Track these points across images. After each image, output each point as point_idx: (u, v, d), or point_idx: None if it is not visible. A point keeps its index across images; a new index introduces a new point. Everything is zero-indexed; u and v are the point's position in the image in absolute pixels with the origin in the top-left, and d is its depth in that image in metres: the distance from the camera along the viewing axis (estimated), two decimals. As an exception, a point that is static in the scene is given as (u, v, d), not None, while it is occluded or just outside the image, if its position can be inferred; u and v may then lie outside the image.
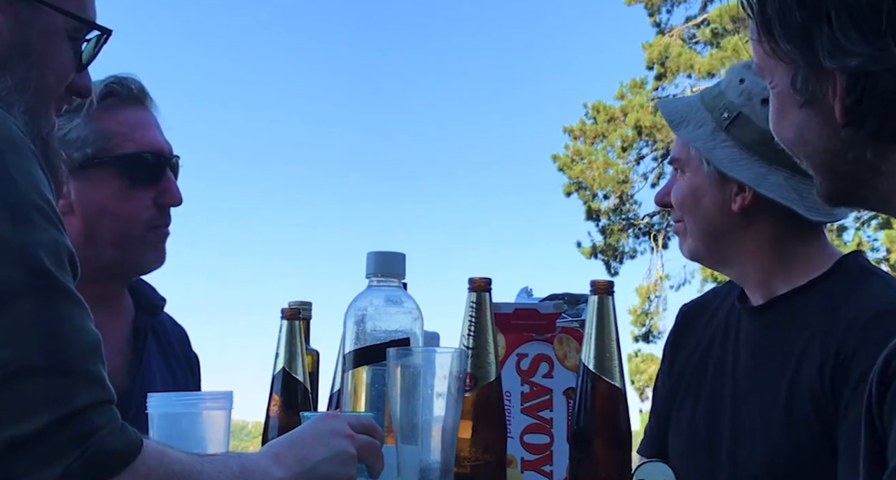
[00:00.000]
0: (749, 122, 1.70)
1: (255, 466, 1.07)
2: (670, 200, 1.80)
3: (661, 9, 15.99)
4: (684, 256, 1.85)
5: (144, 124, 1.78)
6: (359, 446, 1.15)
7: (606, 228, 15.86)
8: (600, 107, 15.60)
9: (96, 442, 0.91)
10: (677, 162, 1.79)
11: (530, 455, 1.39)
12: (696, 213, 1.75)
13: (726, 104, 1.72)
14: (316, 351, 1.66)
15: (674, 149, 1.82)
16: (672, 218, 1.83)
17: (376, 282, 1.27)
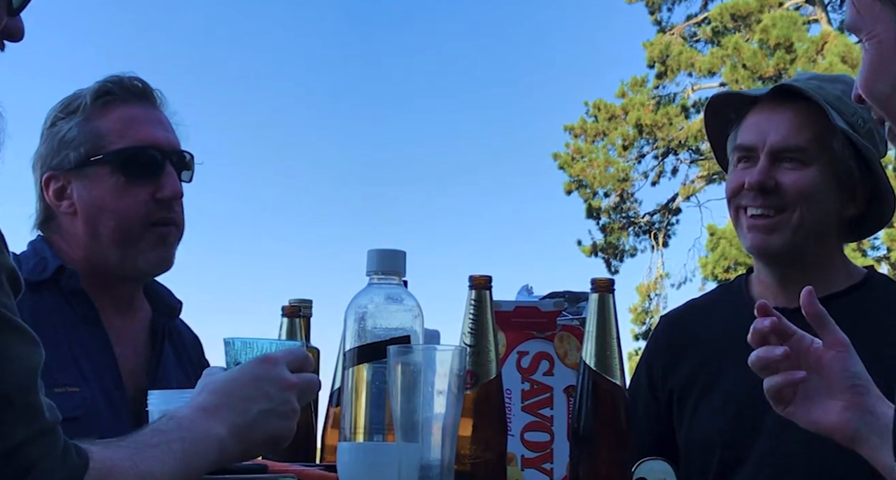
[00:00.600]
0: (873, 138, 1.72)
1: (197, 433, 1.04)
2: (774, 186, 1.70)
3: (661, 7, 15.98)
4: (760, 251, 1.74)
5: (139, 120, 1.78)
6: (300, 391, 1.13)
7: (607, 226, 15.85)
8: (601, 105, 15.59)
9: (36, 477, 0.88)
10: (802, 152, 1.70)
11: (531, 452, 1.39)
12: (815, 208, 1.70)
13: (857, 112, 1.70)
14: (316, 349, 1.66)
15: (795, 137, 1.71)
16: (764, 204, 1.71)
17: (377, 280, 1.27)
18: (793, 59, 13.49)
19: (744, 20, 14.48)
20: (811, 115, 1.71)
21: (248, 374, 1.12)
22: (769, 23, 13.75)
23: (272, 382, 1.11)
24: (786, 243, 1.70)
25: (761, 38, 13.81)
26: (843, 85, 1.75)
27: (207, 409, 1.07)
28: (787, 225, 1.70)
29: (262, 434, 1.10)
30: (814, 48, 13.62)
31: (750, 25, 14.36)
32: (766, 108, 1.76)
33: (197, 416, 1.06)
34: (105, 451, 0.96)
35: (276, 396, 1.11)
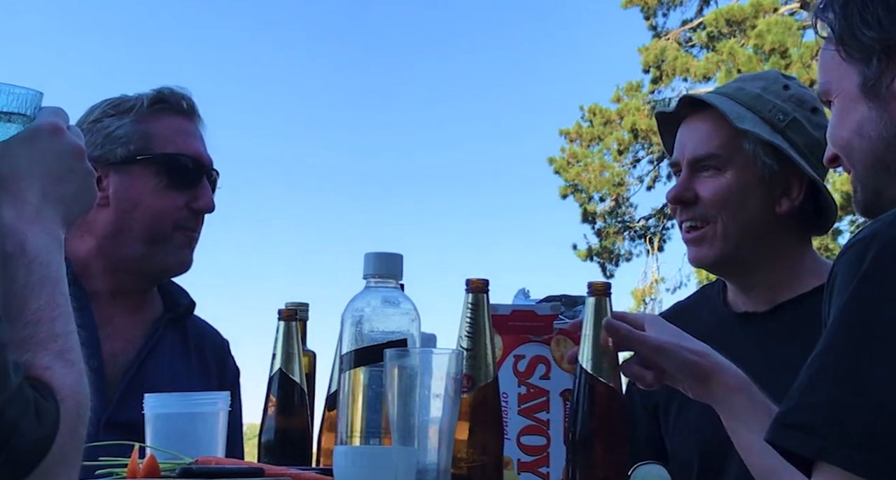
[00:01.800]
0: (803, 128, 1.71)
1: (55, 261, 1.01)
2: (692, 197, 1.72)
3: (657, 12, 16.01)
4: (696, 264, 1.75)
5: (188, 132, 1.89)
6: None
7: (602, 231, 15.87)
8: (596, 109, 15.61)
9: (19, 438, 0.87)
10: (715, 158, 1.71)
11: (527, 456, 1.39)
12: (738, 213, 1.70)
13: (777, 107, 1.71)
14: (313, 352, 1.66)
15: (706, 145, 1.72)
16: (687, 217, 1.74)
17: (374, 283, 1.27)
18: (787, 64, 13.52)
19: (739, 25, 14.51)
20: (719, 121, 1.71)
21: (49, 152, 1.06)
22: (764, 28, 13.78)
23: (71, 155, 1.07)
24: (718, 253, 1.71)
25: (756, 43, 13.84)
26: (765, 81, 1.76)
27: (42, 216, 1.03)
28: (715, 235, 1.70)
29: (77, 212, 1.09)
30: (808, 53, 13.65)
31: (745, 31, 14.39)
32: (686, 122, 1.79)
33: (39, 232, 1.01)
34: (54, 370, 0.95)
35: (79, 168, 1.08)
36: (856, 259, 0.97)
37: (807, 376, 0.96)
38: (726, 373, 1.29)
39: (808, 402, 0.94)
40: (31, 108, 1.06)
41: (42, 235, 1.01)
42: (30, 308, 0.97)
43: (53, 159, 1.05)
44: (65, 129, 1.08)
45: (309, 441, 1.55)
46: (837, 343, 0.95)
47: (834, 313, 0.97)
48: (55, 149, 1.06)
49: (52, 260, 1.01)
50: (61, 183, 1.05)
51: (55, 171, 1.05)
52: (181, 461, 1.24)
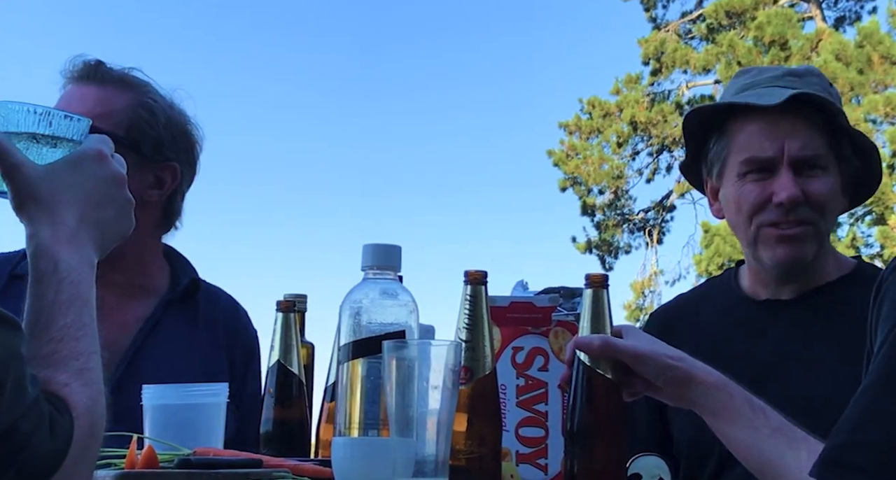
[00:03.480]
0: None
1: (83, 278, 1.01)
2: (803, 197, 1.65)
3: (656, 4, 15.99)
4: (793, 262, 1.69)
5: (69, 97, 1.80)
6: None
7: (601, 223, 15.87)
8: (596, 102, 15.59)
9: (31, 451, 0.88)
10: (822, 159, 1.67)
11: (525, 448, 1.39)
12: (832, 215, 1.71)
13: (837, 107, 1.70)
14: (311, 344, 1.66)
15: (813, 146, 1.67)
16: (797, 219, 1.67)
17: (372, 275, 1.27)
18: (787, 56, 13.50)
19: (738, 17, 14.49)
20: (818, 119, 1.67)
21: (91, 178, 1.07)
22: (764, 20, 13.75)
23: (112, 182, 1.08)
24: (814, 252, 1.69)
25: (756, 35, 13.82)
26: (818, 78, 1.73)
27: (76, 238, 1.03)
28: (817, 235, 1.68)
29: (113, 238, 1.09)
30: (808, 45, 13.64)
31: (745, 22, 14.37)
32: (769, 116, 1.69)
33: (73, 254, 1.02)
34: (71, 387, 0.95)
35: (119, 196, 1.09)
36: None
37: (858, 410, 0.92)
38: (703, 374, 1.28)
39: (859, 440, 0.90)
40: (78, 134, 1.09)
41: (75, 256, 1.02)
42: (56, 325, 0.98)
43: (94, 184, 1.06)
44: (109, 157, 1.09)
45: (307, 432, 1.55)
46: (891, 375, 0.91)
47: (887, 337, 0.92)
48: (98, 175, 1.07)
49: (82, 280, 1.01)
50: (100, 208, 1.06)
51: (95, 196, 1.06)
52: (179, 452, 1.24)
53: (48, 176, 1.05)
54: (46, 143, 1.07)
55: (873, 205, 12.66)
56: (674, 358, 1.28)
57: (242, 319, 1.96)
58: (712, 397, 1.26)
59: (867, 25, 13.46)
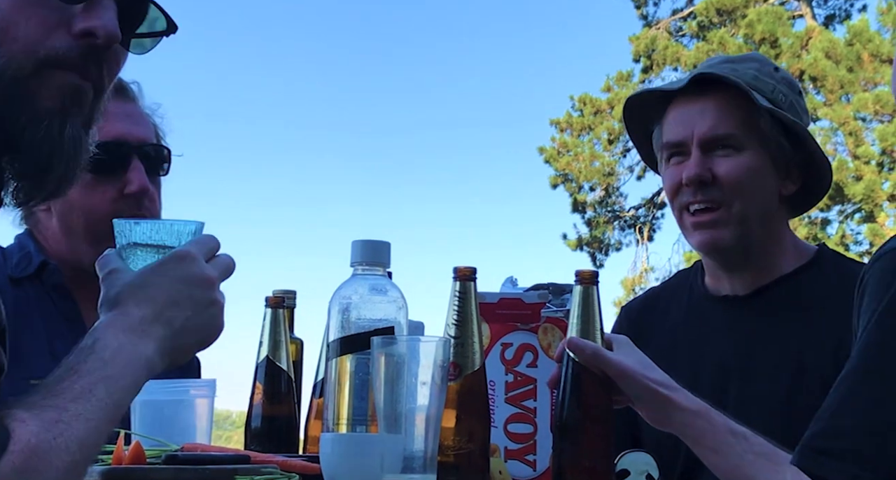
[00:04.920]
0: (796, 111, 1.70)
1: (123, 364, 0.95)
2: (710, 178, 1.65)
3: (648, 2, 16.00)
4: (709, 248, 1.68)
5: (106, 115, 1.76)
6: (222, 276, 1.07)
7: (592, 220, 15.88)
8: (587, 99, 15.60)
9: None
10: (732, 138, 1.66)
11: (514, 444, 1.39)
12: (754, 196, 1.67)
13: (776, 89, 1.68)
14: (300, 340, 1.66)
15: (723, 125, 1.67)
16: (703, 199, 1.67)
17: (361, 271, 1.26)
18: (777, 54, 13.53)
19: (729, 15, 14.51)
20: (733, 99, 1.67)
21: (168, 276, 1.03)
22: (754, 18, 13.78)
23: (195, 282, 1.04)
24: (734, 236, 1.67)
25: (746, 33, 13.84)
26: (757, 63, 1.73)
27: (134, 328, 0.99)
28: (732, 217, 1.66)
29: (191, 341, 1.05)
30: (798, 43, 13.66)
31: (735, 20, 14.39)
32: (685, 100, 1.72)
33: (123, 340, 0.97)
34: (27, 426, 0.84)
35: (201, 297, 1.04)
36: (890, 270, 0.94)
37: (837, 398, 0.93)
38: (684, 401, 1.28)
39: (837, 426, 0.91)
40: (176, 238, 1.09)
41: (124, 343, 0.97)
42: (60, 385, 0.91)
43: (172, 284, 1.03)
44: (197, 257, 1.05)
45: (296, 428, 1.55)
46: (871, 363, 0.91)
47: (867, 327, 0.93)
48: (177, 275, 1.04)
49: (117, 362, 0.95)
50: (175, 307, 1.02)
51: (171, 296, 1.02)
52: (167, 448, 1.23)
53: (132, 279, 1.04)
54: (149, 251, 1.09)
55: (863, 202, 12.70)
56: (656, 381, 1.29)
57: None
58: (692, 424, 1.27)
59: (857, 23, 13.49)
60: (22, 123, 0.95)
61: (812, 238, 13.00)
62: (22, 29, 0.95)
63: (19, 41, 0.95)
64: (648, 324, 1.83)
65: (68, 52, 0.97)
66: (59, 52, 0.97)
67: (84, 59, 0.99)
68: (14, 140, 0.96)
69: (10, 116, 0.95)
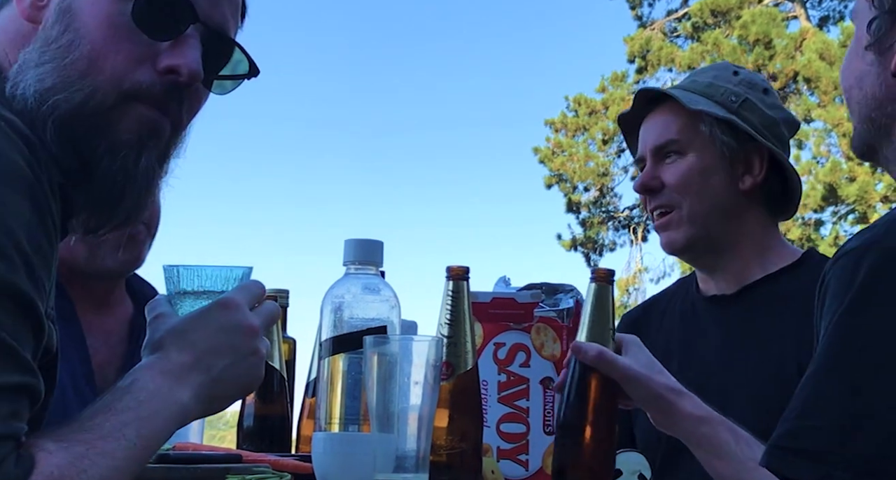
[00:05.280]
0: (756, 107, 1.76)
1: (157, 406, 0.95)
2: (658, 185, 1.75)
3: (642, 2, 16.01)
4: (669, 249, 1.78)
5: None
6: (265, 329, 1.07)
7: (587, 221, 15.90)
8: (582, 100, 15.61)
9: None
10: (675, 143, 1.76)
11: (506, 443, 1.39)
12: (701, 194, 1.73)
13: (728, 91, 1.76)
14: (293, 339, 1.66)
15: (666, 133, 1.77)
16: (656, 205, 1.77)
17: (354, 270, 1.26)
18: (772, 55, 13.56)
19: (724, 16, 14.53)
20: (675, 109, 1.77)
21: (211, 324, 1.03)
22: (749, 19, 13.80)
23: (237, 330, 1.04)
24: (687, 236, 1.74)
25: (741, 34, 13.87)
26: (716, 70, 1.83)
27: (172, 373, 0.99)
28: (682, 218, 1.74)
29: (228, 389, 1.04)
30: (792, 44, 13.69)
31: (730, 21, 14.42)
32: (645, 119, 1.84)
33: (161, 383, 0.97)
34: (52, 457, 0.85)
35: (243, 345, 1.04)
36: (850, 269, 0.94)
37: (804, 397, 0.93)
38: (690, 407, 1.29)
39: (807, 426, 0.91)
40: (223, 284, 1.10)
41: (161, 385, 0.97)
42: (93, 421, 0.91)
43: (213, 332, 1.03)
44: (241, 305, 1.05)
45: (288, 427, 1.54)
46: (835, 362, 0.92)
47: (829, 327, 0.94)
48: (219, 323, 1.03)
49: (151, 404, 0.95)
50: (215, 355, 1.02)
51: (213, 343, 1.02)
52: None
53: (175, 324, 1.04)
54: (197, 297, 1.10)
55: (856, 203, 12.74)
56: (662, 386, 1.29)
57: None
58: (697, 431, 1.27)
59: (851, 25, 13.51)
60: (100, 153, 0.97)
61: (806, 239, 13.04)
62: (110, 61, 0.97)
63: (106, 73, 0.97)
64: (645, 332, 1.87)
65: (151, 86, 0.99)
66: (143, 86, 0.99)
67: (166, 96, 1.01)
68: (89, 169, 0.98)
69: (89, 145, 0.97)
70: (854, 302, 0.92)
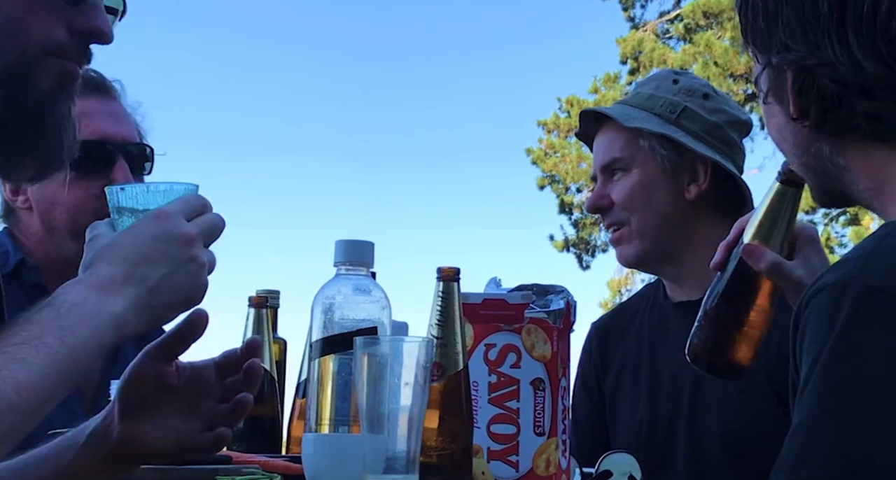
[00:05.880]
0: (696, 114, 1.79)
1: (83, 317, 0.94)
2: (607, 203, 1.80)
3: (635, 3, 16.04)
4: (624, 263, 1.84)
5: (90, 113, 1.75)
6: (204, 237, 1.06)
7: (579, 222, 15.92)
8: (574, 101, 15.63)
9: None
10: (619, 161, 1.79)
11: (497, 444, 1.39)
12: (647, 209, 1.77)
13: (667, 102, 1.79)
14: (283, 340, 1.66)
15: (610, 151, 1.81)
16: (609, 223, 1.81)
17: (344, 271, 1.26)
18: (764, 57, 13.60)
19: (716, 18, 14.57)
20: (617, 127, 1.80)
21: (142, 235, 1.03)
22: (741, 21, 13.85)
23: (171, 239, 1.03)
24: (638, 250, 1.78)
25: (733, 35, 13.89)
26: (656, 81, 1.86)
27: (101, 284, 0.98)
28: (631, 233, 1.77)
29: (170, 299, 1.03)
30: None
31: (722, 23, 14.45)
32: (595, 137, 1.88)
33: (86, 295, 0.97)
34: None
35: (178, 254, 1.02)
36: (829, 307, 0.93)
37: (795, 447, 0.92)
38: None
39: (802, 476, 0.90)
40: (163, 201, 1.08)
41: (86, 297, 0.96)
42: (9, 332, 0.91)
43: (145, 242, 1.02)
44: (174, 215, 1.04)
45: (279, 429, 1.54)
46: (825, 409, 0.91)
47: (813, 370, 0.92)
48: (151, 233, 1.03)
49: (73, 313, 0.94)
50: (149, 265, 1.00)
51: (146, 254, 1.01)
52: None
53: (106, 241, 1.04)
54: (137, 216, 1.08)
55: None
56: None
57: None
58: None
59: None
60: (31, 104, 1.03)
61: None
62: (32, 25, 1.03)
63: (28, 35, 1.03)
64: (615, 337, 1.90)
65: (68, 46, 1.06)
66: (62, 45, 1.05)
67: (80, 54, 1.08)
68: (23, 119, 1.03)
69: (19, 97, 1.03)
70: (838, 345, 0.91)
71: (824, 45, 1.02)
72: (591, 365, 1.91)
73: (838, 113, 1.04)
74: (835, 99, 1.03)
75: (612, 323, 1.95)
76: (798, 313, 0.98)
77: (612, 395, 1.86)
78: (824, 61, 1.02)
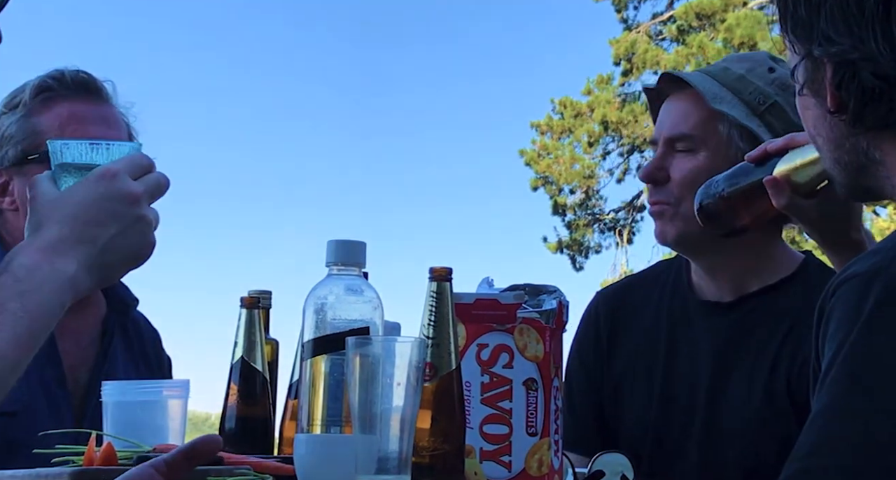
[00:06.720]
0: (784, 112, 1.67)
1: (39, 280, 0.95)
2: (664, 177, 1.69)
3: (628, 5, 16.06)
4: (661, 241, 1.72)
5: (79, 117, 1.74)
6: (149, 197, 1.06)
7: (572, 223, 15.93)
8: (567, 102, 15.64)
9: None
10: (689, 138, 1.69)
11: (489, 445, 1.39)
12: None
13: (758, 90, 1.68)
14: (275, 341, 1.65)
15: (683, 124, 1.70)
16: (657, 197, 1.71)
17: (336, 271, 1.26)
18: (756, 58, 13.63)
19: (709, 19, 14.60)
20: (697, 101, 1.68)
21: (90, 193, 1.03)
22: (733, 22, 13.87)
23: (117, 199, 1.03)
24: (680, 232, 1.68)
25: (725, 37, 13.93)
26: (751, 63, 1.74)
27: (52, 246, 0.99)
28: (679, 214, 1.67)
29: (119, 258, 1.04)
30: (777, 48, 13.74)
31: (714, 24, 14.48)
32: (668, 99, 1.76)
33: (40, 259, 0.97)
34: None
35: (126, 213, 1.03)
36: (856, 297, 0.91)
37: (812, 436, 0.90)
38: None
39: (815, 466, 0.88)
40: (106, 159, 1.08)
41: (40, 260, 0.97)
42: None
43: (92, 202, 1.02)
44: (119, 173, 1.05)
45: (271, 429, 1.54)
46: (845, 399, 0.89)
47: (835, 358, 0.91)
48: (98, 192, 1.03)
49: (32, 278, 0.95)
50: (97, 225, 1.01)
51: (92, 214, 1.02)
52: (139, 449, 1.22)
53: (54, 199, 1.04)
54: (81, 173, 1.07)
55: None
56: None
57: (161, 343, 1.98)
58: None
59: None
60: None
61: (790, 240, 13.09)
62: None
63: None
64: (627, 311, 1.82)
65: None
66: None
67: None
68: None
69: None
70: (863, 334, 0.89)
71: (868, 39, 1.00)
72: (596, 341, 1.82)
73: (878, 107, 1.02)
74: (875, 93, 1.01)
75: (623, 297, 1.85)
76: (824, 301, 0.97)
77: (618, 380, 1.78)
78: (867, 55, 1.00)
